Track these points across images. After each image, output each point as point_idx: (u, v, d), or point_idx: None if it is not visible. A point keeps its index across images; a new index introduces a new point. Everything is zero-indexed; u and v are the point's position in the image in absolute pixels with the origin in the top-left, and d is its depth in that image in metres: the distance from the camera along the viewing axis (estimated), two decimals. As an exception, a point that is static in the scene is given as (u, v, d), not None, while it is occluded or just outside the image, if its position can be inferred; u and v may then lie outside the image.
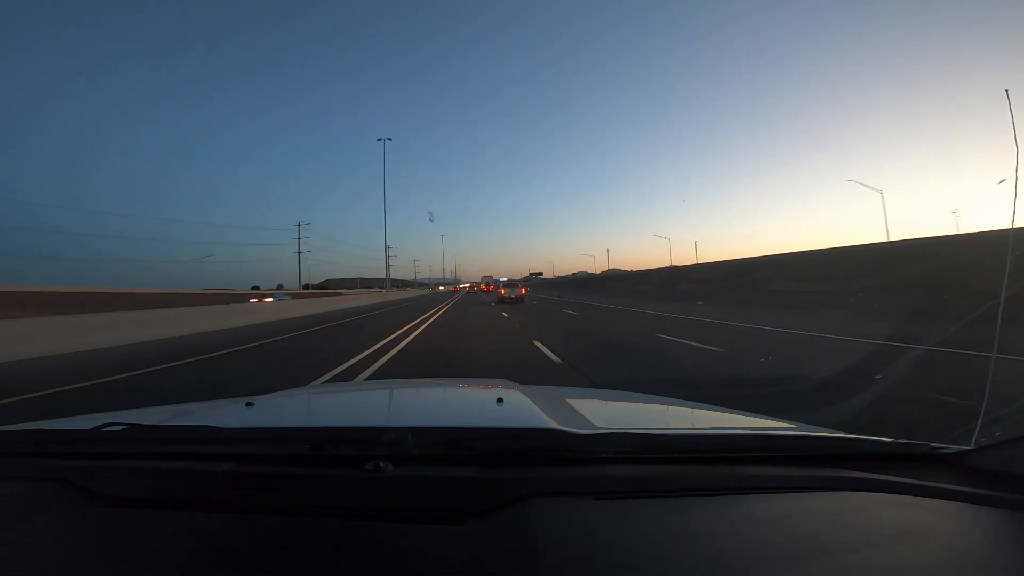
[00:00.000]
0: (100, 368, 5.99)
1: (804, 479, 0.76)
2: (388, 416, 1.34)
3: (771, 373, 4.83)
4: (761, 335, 8.24)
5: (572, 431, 0.81)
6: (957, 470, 0.77)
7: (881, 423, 3.03)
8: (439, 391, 1.75)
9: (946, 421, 2.99)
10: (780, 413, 1.27)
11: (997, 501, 0.68)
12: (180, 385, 5.03)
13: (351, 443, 0.80)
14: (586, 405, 1.40)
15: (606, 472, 0.77)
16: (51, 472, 0.83)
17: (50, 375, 5.54)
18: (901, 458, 0.82)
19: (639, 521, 0.65)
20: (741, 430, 1.08)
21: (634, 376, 4.94)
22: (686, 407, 1.41)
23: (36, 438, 0.96)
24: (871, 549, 0.59)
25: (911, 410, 3.30)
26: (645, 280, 30.66)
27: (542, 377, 4.89)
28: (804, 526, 0.65)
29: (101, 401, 4.40)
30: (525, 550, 0.58)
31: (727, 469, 0.79)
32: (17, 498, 0.78)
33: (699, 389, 4.18)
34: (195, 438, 0.87)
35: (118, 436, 0.88)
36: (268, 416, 1.19)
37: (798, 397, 3.75)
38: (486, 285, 56.13)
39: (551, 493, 0.71)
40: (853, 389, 3.88)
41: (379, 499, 0.72)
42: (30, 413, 3.93)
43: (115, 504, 0.76)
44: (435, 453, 0.78)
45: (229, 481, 0.77)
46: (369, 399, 1.60)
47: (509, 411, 1.11)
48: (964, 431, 0.81)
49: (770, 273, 19.04)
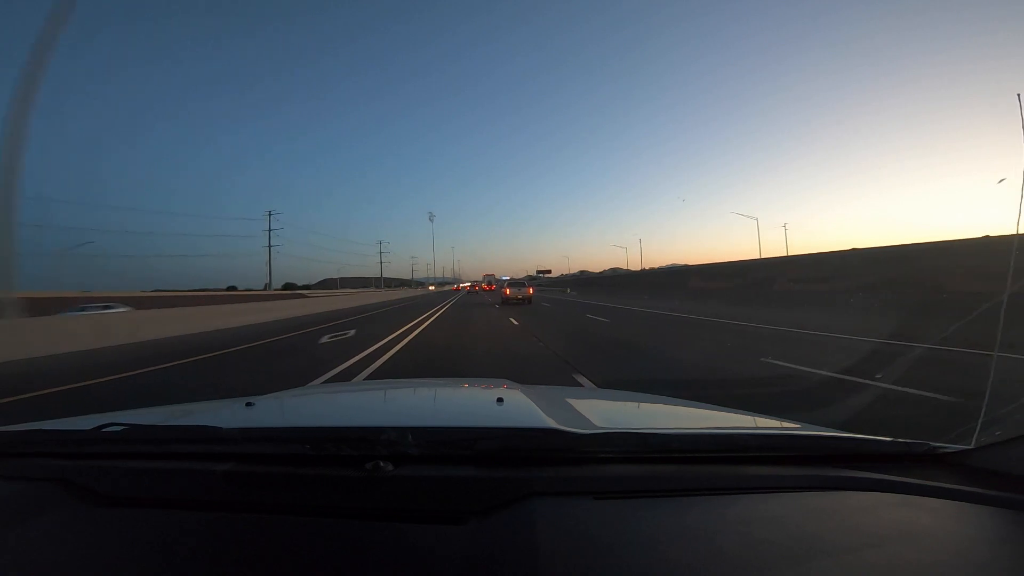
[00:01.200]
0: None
1: (804, 479, 0.76)
2: (388, 416, 1.34)
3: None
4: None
5: (572, 431, 0.81)
6: (957, 470, 0.77)
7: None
8: (439, 391, 1.75)
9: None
10: (783, 413, 1.27)
11: (997, 501, 0.68)
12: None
13: (351, 443, 0.80)
14: (586, 405, 1.39)
15: (606, 472, 0.77)
16: (51, 472, 0.83)
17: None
18: (901, 458, 0.82)
19: (639, 521, 0.65)
20: (741, 430, 1.07)
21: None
22: (686, 407, 1.41)
23: (36, 438, 0.97)
24: (871, 549, 0.59)
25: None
26: (711, 275, 21.42)
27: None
28: (804, 526, 0.65)
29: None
30: (525, 550, 0.58)
31: (727, 469, 0.79)
32: (17, 498, 0.78)
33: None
34: (195, 438, 0.87)
35: (118, 436, 0.88)
36: (268, 416, 1.19)
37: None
38: (488, 284, 54.97)
39: (551, 493, 0.71)
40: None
41: (379, 499, 0.72)
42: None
43: (115, 504, 0.76)
44: (435, 453, 0.78)
45: (229, 481, 0.77)
46: (369, 399, 1.60)
47: (509, 411, 1.11)
48: (964, 431, 0.81)
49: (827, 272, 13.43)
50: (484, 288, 54.25)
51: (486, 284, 57.47)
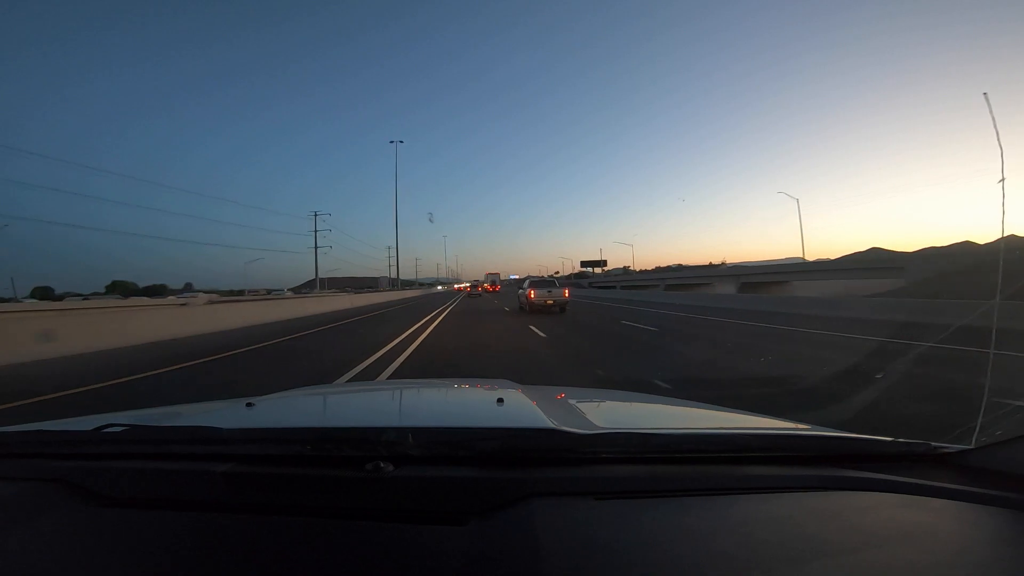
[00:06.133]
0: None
1: (805, 479, 0.76)
2: (388, 416, 1.34)
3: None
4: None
5: (572, 431, 0.81)
6: (958, 470, 0.78)
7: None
8: (440, 391, 1.74)
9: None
10: (784, 413, 1.28)
11: (997, 501, 0.68)
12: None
13: (351, 443, 0.80)
14: (586, 405, 1.39)
15: (606, 472, 0.77)
16: (51, 472, 0.83)
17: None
18: (902, 458, 0.82)
19: (639, 521, 0.65)
20: (742, 430, 1.08)
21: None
22: (687, 407, 1.41)
23: (37, 439, 0.96)
24: (872, 549, 0.59)
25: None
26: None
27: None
28: (805, 526, 0.65)
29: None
30: (525, 550, 0.58)
31: (728, 469, 0.79)
32: (18, 498, 0.78)
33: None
34: (195, 438, 0.87)
35: (118, 437, 0.88)
36: (268, 416, 1.18)
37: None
38: (491, 284, 50.54)
39: (551, 493, 0.71)
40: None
41: (379, 499, 0.72)
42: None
43: (115, 504, 0.76)
44: (436, 453, 0.78)
45: (229, 481, 0.77)
46: (369, 399, 1.60)
47: (509, 411, 1.11)
48: (964, 431, 0.82)
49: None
50: (487, 289, 48.96)
51: (489, 284, 51.56)
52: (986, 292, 11.58)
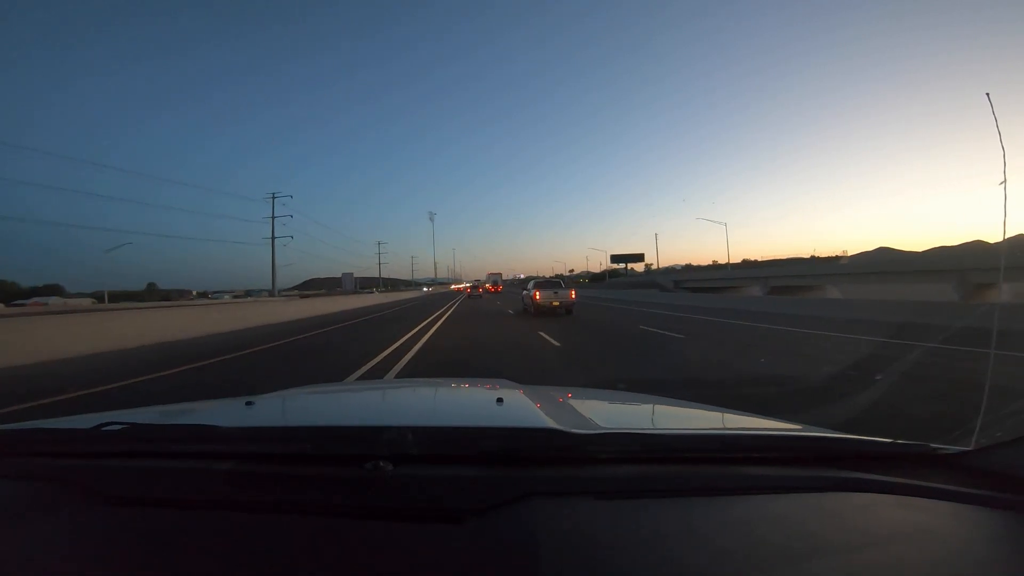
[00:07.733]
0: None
1: (804, 479, 0.76)
2: (388, 415, 1.34)
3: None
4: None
5: (572, 431, 0.81)
6: (957, 470, 0.78)
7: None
8: (439, 391, 1.74)
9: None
10: (783, 413, 1.28)
11: (997, 501, 0.68)
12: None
13: (351, 442, 0.80)
14: (586, 405, 1.39)
15: (606, 472, 0.77)
16: (51, 472, 0.83)
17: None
18: (901, 459, 0.82)
19: (639, 521, 0.65)
20: (741, 430, 1.08)
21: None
22: (687, 407, 1.41)
23: (36, 438, 0.96)
24: (872, 549, 0.59)
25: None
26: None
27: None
28: (805, 526, 0.65)
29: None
30: (525, 550, 0.58)
31: (727, 469, 0.79)
32: (17, 498, 0.78)
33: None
34: (195, 437, 0.87)
35: (118, 435, 0.88)
36: (268, 415, 1.18)
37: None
38: (492, 285, 49.37)
39: (551, 493, 0.71)
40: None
41: (379, 498, 0.72)
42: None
43: (115, 504, 0.76)
44: (435, 452, 0.78)
45: (229, 480, 0.77)
46: (369, 398, 1.60)
47: (509, 411, 1.11)
48: (964, 431, 0.82)
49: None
50: (489, 289, 47.51)
51: (490, 285, 50.19)
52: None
